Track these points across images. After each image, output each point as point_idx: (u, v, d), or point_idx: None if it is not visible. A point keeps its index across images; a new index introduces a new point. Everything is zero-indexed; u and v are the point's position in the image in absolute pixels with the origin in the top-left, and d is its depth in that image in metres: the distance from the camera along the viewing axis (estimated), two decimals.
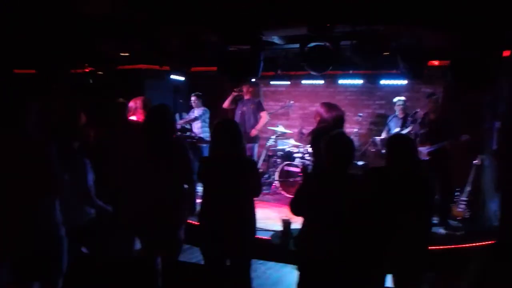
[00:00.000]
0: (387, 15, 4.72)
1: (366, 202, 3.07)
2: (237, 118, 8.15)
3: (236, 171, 3.46)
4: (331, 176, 3.15)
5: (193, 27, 5.84)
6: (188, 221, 3.89)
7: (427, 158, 6.06)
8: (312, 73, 5.98)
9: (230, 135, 3.51)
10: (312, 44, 5.58)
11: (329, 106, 5.49)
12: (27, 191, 3.03)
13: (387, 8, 4.59)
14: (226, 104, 8.54)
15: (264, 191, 8.15)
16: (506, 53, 5.07)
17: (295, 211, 3.27)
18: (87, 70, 8.43)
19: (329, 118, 5.20)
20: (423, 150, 6.06)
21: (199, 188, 3.62)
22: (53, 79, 8.00)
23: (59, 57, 7.28)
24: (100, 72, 8.33)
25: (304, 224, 3.20)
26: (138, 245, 4.12)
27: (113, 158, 4.31)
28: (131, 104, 5.18)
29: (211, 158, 3.65)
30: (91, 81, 8.52)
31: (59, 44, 6.68)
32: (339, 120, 5.31)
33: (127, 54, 7.60)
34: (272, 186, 8.40)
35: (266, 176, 8.84)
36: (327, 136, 3.26)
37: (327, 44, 5.48)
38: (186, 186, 3.72)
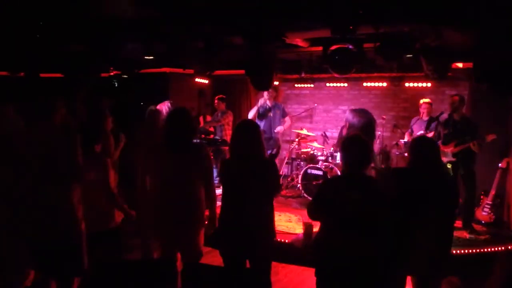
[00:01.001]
0: (410, 15, 4.67)
1: (386, 203, 3.04)
2: (263, 124, 8.16)
3: (256, 171, 3.45)
4: (348, 178, 3.15)
5: (215, 28, 5.87)
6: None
7: (452, 160, 5.98)
8: (335, 74, 5.97)
9: (250, 135, 3.51)
10: (335, 46, 5.57)
11: (356, 112, 5.46)
12: (53, 176, 3.18)
13: (410, 8, 4.55)
14: (251, 115, 8.30)
15: (287, 194, 8.19)
16: None
17: (311, 215, 3.28)
18: (112, 74, 8.56)
19: (357, 123, 5.20)
20: (448, 151, 5.98)
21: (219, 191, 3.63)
22: (79, 83, 8.11)
23: (84, 61, 7.40)
24: (124, 76, 8.44)
25: (322, 228, 3.19)
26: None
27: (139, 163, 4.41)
28: (160, 108, 5.54)
29: (231, 158, 3.66)
30: (116, 84, 8.65)
31: (84, 47, 6.78)
32: (368, 126, 5.27)
33: (151, 57, 7.68)
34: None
35: (289, 179, 8.85)
36: (343, 139, 3.28)
37: (350, 46, 5.46)
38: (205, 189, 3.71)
